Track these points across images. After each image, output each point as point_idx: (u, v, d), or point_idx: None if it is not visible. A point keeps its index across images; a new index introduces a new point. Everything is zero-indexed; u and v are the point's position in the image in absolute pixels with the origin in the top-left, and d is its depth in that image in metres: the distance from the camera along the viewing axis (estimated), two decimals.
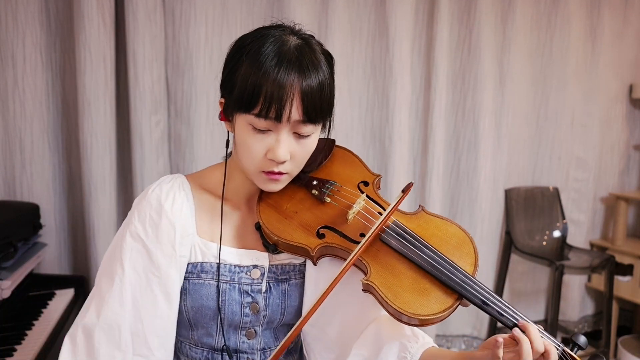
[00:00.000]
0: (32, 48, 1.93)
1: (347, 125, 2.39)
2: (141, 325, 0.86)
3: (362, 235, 0.90)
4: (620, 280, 2.77)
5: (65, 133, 2.04)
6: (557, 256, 2.70)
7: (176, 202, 0.91)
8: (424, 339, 0.94)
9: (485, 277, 2.71)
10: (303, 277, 0.97)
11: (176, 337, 0.98)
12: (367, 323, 0.97)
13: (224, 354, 0.95)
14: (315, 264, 0.92)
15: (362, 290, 0.87)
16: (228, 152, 0.99)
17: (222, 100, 0.91)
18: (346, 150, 1.06)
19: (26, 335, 1.51)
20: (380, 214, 0.92)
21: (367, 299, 0.94)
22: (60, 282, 1.87)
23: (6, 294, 1.53)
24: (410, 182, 0.96)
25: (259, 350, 0.97)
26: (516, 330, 0.80)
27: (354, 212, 0.91)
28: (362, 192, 0.96)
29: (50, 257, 2.03)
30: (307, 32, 0.92)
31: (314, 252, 0.89)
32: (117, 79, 2.02)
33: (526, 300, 2.84)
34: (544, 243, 2.77)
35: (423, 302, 0.82)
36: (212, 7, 2.10)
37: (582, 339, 0.84)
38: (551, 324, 2.47)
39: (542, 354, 0.79)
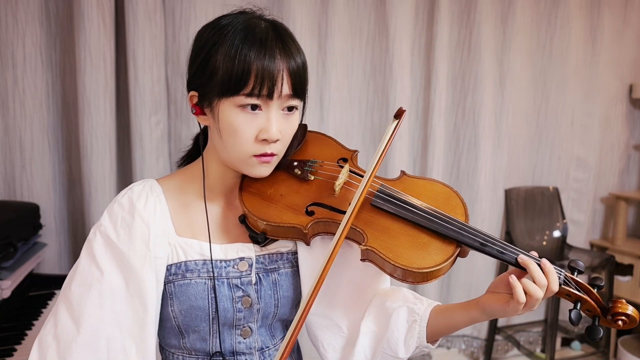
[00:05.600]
0: (32, 48, 1.93)
1: (347, 125, 2.39)
2: (119, 332, 0.82)
3: None
4: (620, 280, 2.77)
5: (65, 133, 2.04)
6: (557, 256, 2.70)
7: (149, 202, 0.89)
8: (428, 300, 0.95)
9: (486, 276, 2.70)
10: (293, 267, 0.96)
11: (167, 348, 0.96)
12: (369, 299, 0.97)
13: (221, 359, 0.92)
14: (308, 243, 0.90)
15: (361, 259, 0.87)
16: (202, 147, 0.97)
17: (195, 93, 0.89)
18: (319, 133, 1.06)
19: (26, 335, 1.51)
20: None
21: (366, 274, 0.95)
22: (60, 282, 1.82)
23: (6, 294, 1.53)
24: (401, 107, 0.97)
25: (257, 350, 0.94)
26: (513, 277, 0.81)
27: (340, 183, 0.91)
28: (342, 167, 0.96)
29: (50, 257, 2.03)
30: (267, 16, 0.92)
31: (307, 229, 0.88)
32: (117, 79, 2.02)
33: None
34: (544, 243, 2.77)
35: (424, 255, 0.83)
36: (212, 7, 2.10)
37: (580, 263, 0.86)
38: (551, 324, 2.47)
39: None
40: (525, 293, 0.79)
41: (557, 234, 2.79)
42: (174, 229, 0.91)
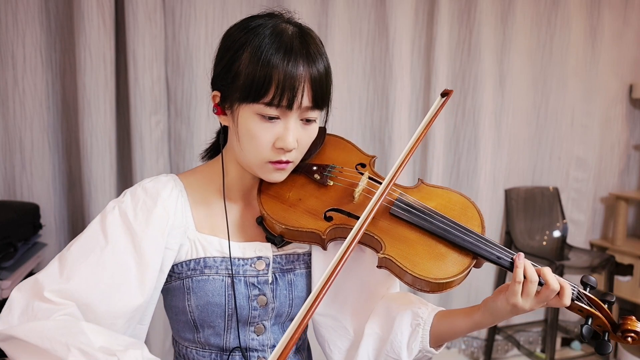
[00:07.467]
0: (32, 48, 1.93)
1: (347, 125, 2.39)
2: (97, 304, 0.80)
3: None
4: (620, 280, 2.77)
5: (65, 133, 2.04)
6: (557, 256, 2.70)
7: (173, 194, 0.90)
8: (432, 306, 0.96)
9: (485, 276, 2.71)
10: (307, 268, 0.97)
11: (181, 342, 0.96)
12: (376, 302, 0.97)
13: (233, 354, 0.92)
14: (325, 248, 0.91)
15: (378, 266, 0.88)
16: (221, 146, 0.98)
17: (217, 93, 0.89)
18: (337, 137, 1.06)
19: None
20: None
21: (375, 278, 0.96)
22: None
23: (6, 294, 1.53)
24: (448, 90, 0.97)
25: (270, 347, 0.95)
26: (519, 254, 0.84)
27: (359, 190, 0.91)
28: (362, 173, 0.97)
29: (50, 257, 2.01)
30: (297, 19, 0.91)
31: (325, 235, 0.88)
32: (117, 79, 2.02)
33: None
34: (544, 243, 2.76)
35: (441, 266, 0.84)
36: (212, 7, 2.10)
37: (592, 279, 0.88)
38: (551, 324, 2.47)
39: (558, 292, 0.83)
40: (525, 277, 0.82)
41: (557, 234, 2.79)
42: (194, 225, 0.92)
